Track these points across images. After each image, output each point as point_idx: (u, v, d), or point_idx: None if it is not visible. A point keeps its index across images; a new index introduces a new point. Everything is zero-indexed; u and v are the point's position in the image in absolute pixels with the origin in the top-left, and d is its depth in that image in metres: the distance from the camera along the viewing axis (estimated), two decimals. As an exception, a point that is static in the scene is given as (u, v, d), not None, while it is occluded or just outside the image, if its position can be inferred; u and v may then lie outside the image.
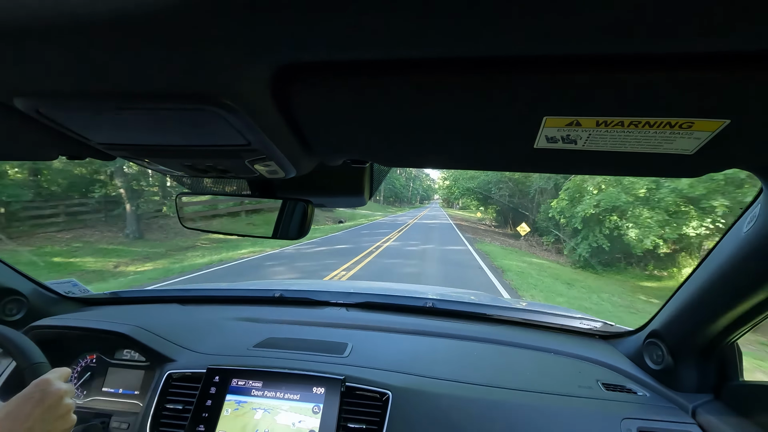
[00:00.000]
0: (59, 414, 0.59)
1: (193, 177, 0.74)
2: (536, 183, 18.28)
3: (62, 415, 0.59)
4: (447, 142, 0.49)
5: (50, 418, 0.58)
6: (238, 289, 1.66)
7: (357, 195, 0.80)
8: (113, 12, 0.26)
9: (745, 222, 0.69)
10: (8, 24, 0.27)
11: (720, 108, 0.36)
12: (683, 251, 11.67)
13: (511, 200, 21.45)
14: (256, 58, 0.33)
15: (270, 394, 0.90)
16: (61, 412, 0.60)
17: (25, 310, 1.20)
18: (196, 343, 1.11)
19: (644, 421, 0.84)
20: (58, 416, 0.59)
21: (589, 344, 1.20)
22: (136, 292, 1.61)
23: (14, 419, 0.54)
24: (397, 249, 11.00)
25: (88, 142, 0.51)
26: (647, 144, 0.42)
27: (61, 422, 0.59)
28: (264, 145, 0.48)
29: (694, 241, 10.47)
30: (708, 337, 0.84)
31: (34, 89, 0.38)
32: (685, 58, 0.32)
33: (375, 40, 0.30)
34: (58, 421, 0.58)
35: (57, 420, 0.58)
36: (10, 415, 0.55)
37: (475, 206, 34.22)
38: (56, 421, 0.58)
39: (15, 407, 0.56)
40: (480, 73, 0.35)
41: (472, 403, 0.89)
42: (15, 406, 0.56)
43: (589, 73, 0.34)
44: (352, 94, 0.40)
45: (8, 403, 0.56)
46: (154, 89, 0.37)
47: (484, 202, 25.65)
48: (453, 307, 1.41)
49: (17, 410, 0.56)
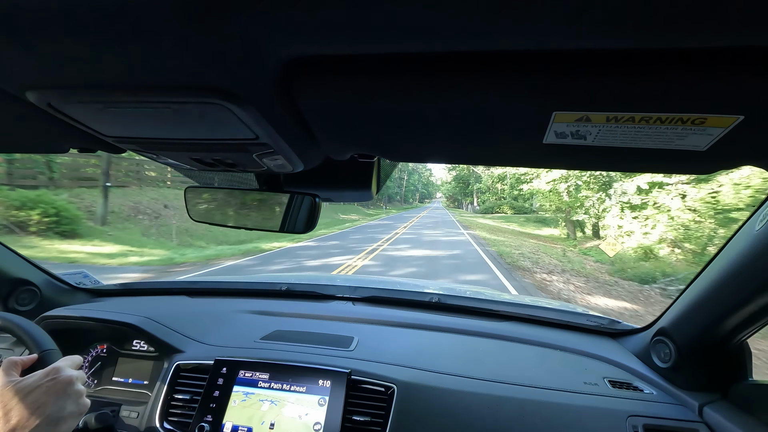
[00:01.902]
0: (72, 399, 0.60)
1: (201, 170, 0.74)
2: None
3: (75, 400, 0.61)
4: (455, 137, 0.49)
5: (63, 403, 0.59)
6: (245, 282, 1.67)
7: (364, 190, 0.80)
8: (123, 6, 0.26)
9: (758, 220, 0.68)
10: (20, 17, 0.28)
11: (733, 104, 0.35)
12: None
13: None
14: (265, 52, 0.33)
15: (277, 386, 0.92)
16: (74, 397, 0.61)
17: (37, 301, 1.23)
18: (204, 335, 1.13)
19: (651, 419, 0.84)
20: (70, 401, 0.60)
21: (595, 341, 1.20)
22: (146, 284, 1.63)
23: (28, 407, 0.56)
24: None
25: (99, 135, 0.51)
26: (658, 140, 0.42)
27: (74, 406, 0.60)
28: (272, 139, 0.48)
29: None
30: (717, 336, 0.83)
31: (46, 83, 0.39)
32: (698, 53, 0.31)
33: (383, 34, 0.30)
34: (71, 406, 0.60)
35: (70, 405, 0.60)
36: (22, 405, 0.56)
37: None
38: (69, 407, 0.60)
39: (28, 395, 0.57)
40: (489, 68, 0.35)
41: (477, 398, 0.90)
42: (28, 394, 0.57)
43: (600, 68, 0.33)
44: (359, 89, 0.39)
45: (20, 391, 0.57)
46: (164, 83, 0.37)
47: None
48: (458, 303, 1.41)
49: (30, 399, 0.57)
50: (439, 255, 9.66)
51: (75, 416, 0.60)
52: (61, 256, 7.28)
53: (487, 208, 39.06)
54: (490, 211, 38.25)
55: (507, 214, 33.76)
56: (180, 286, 1.57)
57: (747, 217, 0.72)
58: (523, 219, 27.56)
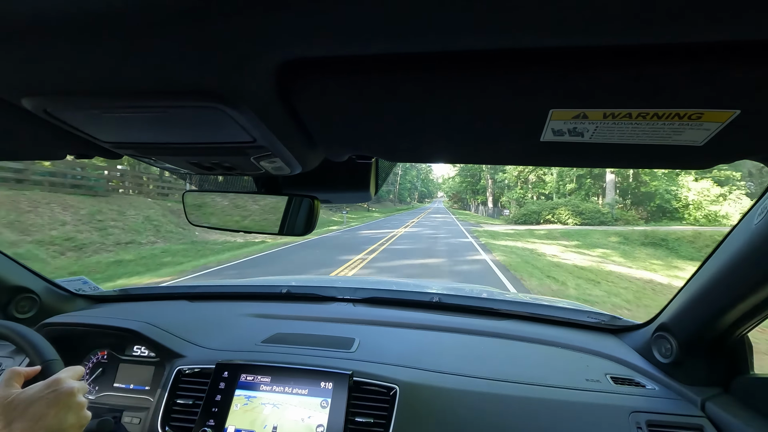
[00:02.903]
0: (72, 411, 0.60)
1: (199, 174, 0.74)
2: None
3: (76, 413, 0.60)
4: (452, 137, 0.49)
5: (64, 415, 0.58)
6: (245, 285, 1.67)
7: (363, 190, 0.80)
8: (118, 12, 0.26)
9: (756, 214, 0.68)
10: (15, 24, 0.28)
11: (729, 98, 0.35)
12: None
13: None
14: (261, 55, 0.33)
15: (278, 389, 0.91)
16: (74, 409, 0.60)
17: (37, 308, 1.22)
18: (205, 339, 1.12)
19: (653, 415, 0.84)
20: (71, 413, 0.60)
21: (596, 338, 1.20)
22: (146, 289, 1.63)
23: (29, 420, 0.55)
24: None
25: (96, 141, 0.51)
26: (655, 136, 0.42)
27: (75, 419, 0.60)
28: (269, 141, 0.48)
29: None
30: (717, 330, 0.83)
31: (42, 89, 0.39)
32: (693, 48, 0.31)
33: (378, 35, 0.30)
34: (71, 419, 0.59)
35: (71, 417, 0.59)
36: (24, 417, 0.55)
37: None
38: (70, 419, 0.59)
39: (28, 408, 0.57)
40: (485, 67, 0.35)
41: (479, 397, 0.90)
42: (29, 405, 0.57)
43: (596, 65, 0.33)
44: (356, 90, 0.39)
45: (21, 403, 0.57)
46: (160, 88, 0.37)
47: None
48: (459, 302, 1.41)
49: (31, 411, 0.56)
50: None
51: (76, 428, 0.60)
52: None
53: (527, 216, 23.61)
54: (532, 221, 22.93)
55: (565, 225, 20.92)
56: (180, 290, 1.56)
57: (746, 211, 0.72)
58: (607, 237, 14.93)
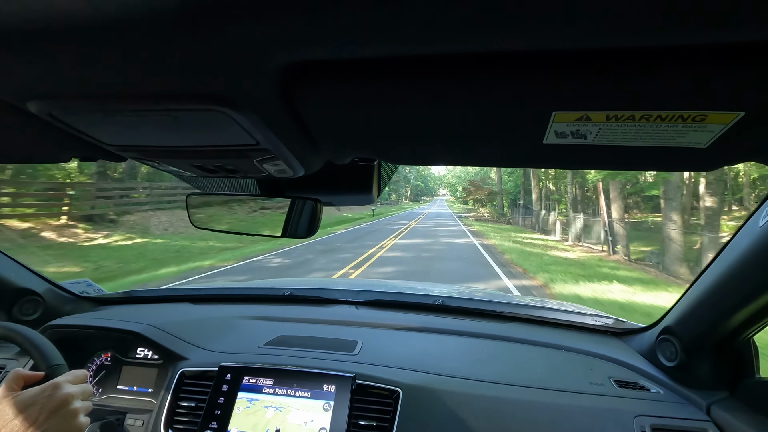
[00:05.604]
0: (66, 417, 0.59)
1: (202, 177, 0.75)
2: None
3: (68, 420, 0.59)
4: (455, 139, 0.48)
5: (57, 422, 0.58)
6: (248, 288, 1.67)
7: (365, 193, 0.80)
8: (122, 16, 0.26)
9: (761, 216, 0.67)
10: (20, 27, 0.28)
11: (733, 100, 0.35)
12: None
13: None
14: (265, 58, 0.33)
15: (281, 391, 0.91)
16: (69, 415, 0.60)
17: (41, 310, 1.23)
18: (208, 342, 1.13)
19: (658, 419, 0.83)
20: (65, 421, 0.59)
21: (600, 341, 1.19)
22: (149, 291, 1.64)
23: (24, 422, 0.55)
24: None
25: (100, 144, 0.51)
26: (659, 138, 0.41)
27: (68, 425, 0.59)
28: (272, 144, 0.48)
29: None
30: (723, 333, 0.82)
31: (47, 93, 0.39)
32: (697, 49, 0.31)
33: (381, 38, 0.30)
34: (65, 425, 0.59)
35: (64, 424, 0.58)
36: (20, 419, 0.55)
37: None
38: (63, 426, 0.58)
39: (24, 410, 0.56)
40: (489, 69, 0.35)
41: (482, 400, 0.89)
42: (24, 408, 0.57)
43: (599, 67, 0.33)
44: (359, 92, 0.39)
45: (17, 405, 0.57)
46: (164, 91, 0.37)
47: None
48: (462, 305, 1.41)
49: (26, 414, 0.56)
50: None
51: None
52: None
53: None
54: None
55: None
56: (183, 293, 1.57)
57: (751, 212, 0.71)
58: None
